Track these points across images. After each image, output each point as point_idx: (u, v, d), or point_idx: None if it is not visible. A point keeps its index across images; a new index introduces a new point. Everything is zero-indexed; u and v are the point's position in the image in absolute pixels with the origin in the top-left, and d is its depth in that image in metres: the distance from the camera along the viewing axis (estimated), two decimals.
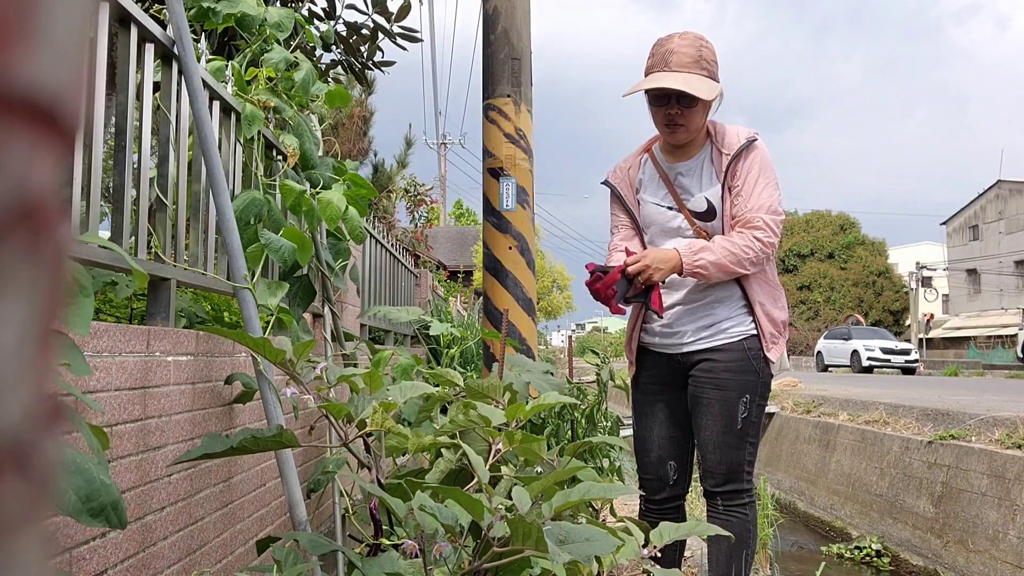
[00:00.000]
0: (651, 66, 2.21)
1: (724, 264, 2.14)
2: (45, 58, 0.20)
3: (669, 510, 2.35)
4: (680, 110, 2.17)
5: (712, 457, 2.23)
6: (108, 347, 1.55)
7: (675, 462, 2.35)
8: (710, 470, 2.24)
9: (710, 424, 2.23)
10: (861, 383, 12.06)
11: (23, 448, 0.20)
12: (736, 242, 2.16)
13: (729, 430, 2.21)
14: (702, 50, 2.17)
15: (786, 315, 2.33)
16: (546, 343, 22.74)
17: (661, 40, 2.23)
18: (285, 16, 2.64)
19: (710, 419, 2.23)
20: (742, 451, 2.22)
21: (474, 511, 1.25)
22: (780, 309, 2.28)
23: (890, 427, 6.28)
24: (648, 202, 2.33)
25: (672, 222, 2.29)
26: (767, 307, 2.25)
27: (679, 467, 2.35)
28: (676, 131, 2.22)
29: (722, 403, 2.21)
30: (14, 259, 0.19)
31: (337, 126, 9.45)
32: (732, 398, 2.21)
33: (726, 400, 2.21)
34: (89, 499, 1.05)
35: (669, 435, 2.34)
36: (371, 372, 1.60)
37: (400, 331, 5.83)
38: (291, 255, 2.20)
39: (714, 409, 2.22)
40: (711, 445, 2.23)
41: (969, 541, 4.67)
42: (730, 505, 2.23)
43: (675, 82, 2.12)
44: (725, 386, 2.22)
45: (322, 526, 2.94)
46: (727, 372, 2.22)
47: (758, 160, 2.21)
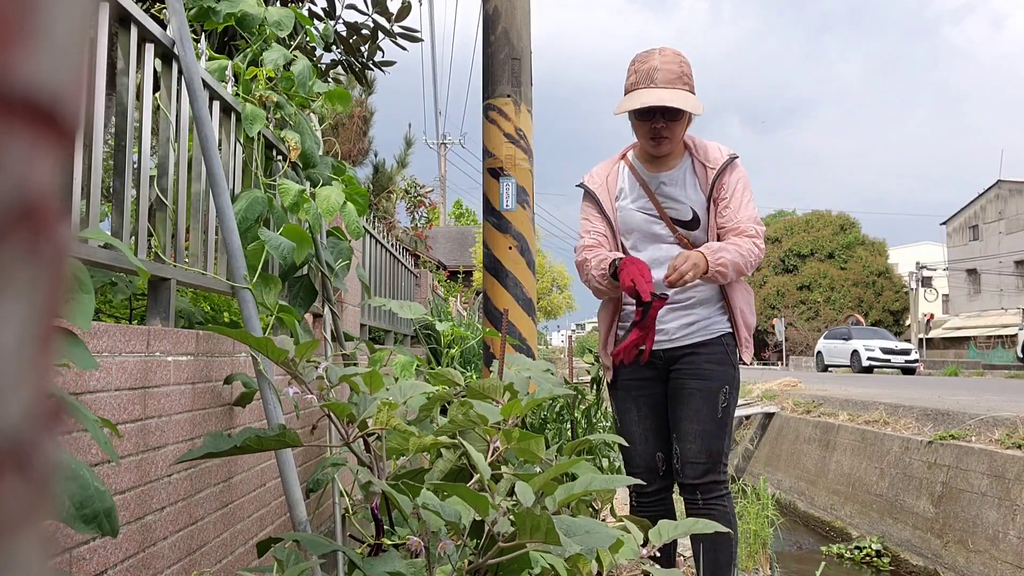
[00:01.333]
0: (635, 83, 2.29)
1: (738, 264, 2.26)
2: (45, 58, 0.20)
3: (658, 503, 2.42)
4: (665, 124, 2.29)
5: (693, 447, 2.30)
6: (108, 347, 1.55)
7: (662, 452, 2.42)
8: (691, 460, 2.31)
9: (692, 414, 2.31)
10: (861, 383, 12.07)
11: (23, 448, 0.20)
12: (742, 246, 2.28)
13: (711, 419, 2.30)
14: (683, 66, 2.29)
15: (755, 321, 2.48)
16: (546, 343, 22.75)
17: (641, 57, 2.32)
18: (285, 15, 2.64)
19: (692, 409, 2.31)
20: (722, 440, 2.32)
21: (478, 506, 1.25)
22: (752, 315, 2.43)
23: (890, 427, 6.28)
24: (629, 208, 2.41)
25: (653, 228, 2.39)
26: (744, 312, 2.39)
27: (666, 457, 2.42)
28: (661, 144, 2.33)
29: (704, 392, 2.31)
30: (14, 259, 0.19)
31: (337, 126, 9.45)
32: (714, 388, 2.31)
33: (708, 390, 2.31)
34: (83, 505, 1.05)
35: (654, 427, 2.42)
36: (372, 372, 1.60)
37: (400, 331, 5.83)
38: (291, 253, 2.20)
39: (696, 399, 2.32)
40: (693, 434, 2.31)
41: (969, 541, 4.67)
42: (709, 498, 2.30)
43: (667, 98, 2.22)
44: (707, 376, 2.32)
45: (322, 526, 2.94)
46: (709, 363, 2.33)
47: (742, 176, 2.37)
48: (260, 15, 2.58)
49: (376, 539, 1.65)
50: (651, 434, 2.42)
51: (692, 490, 2.32)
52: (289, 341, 1.58)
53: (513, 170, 4.32)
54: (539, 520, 1.18)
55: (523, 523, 1.21)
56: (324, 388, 1.59)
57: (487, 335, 3.94)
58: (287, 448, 1.91)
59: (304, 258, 2.35)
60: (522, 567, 1.37)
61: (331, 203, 2.51)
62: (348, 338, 3.21)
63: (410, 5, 4.56)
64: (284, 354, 1.52)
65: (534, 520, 1.19)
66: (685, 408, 2.33)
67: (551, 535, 1.19)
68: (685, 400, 2.33)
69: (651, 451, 2.42)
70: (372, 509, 1.68)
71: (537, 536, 1.20)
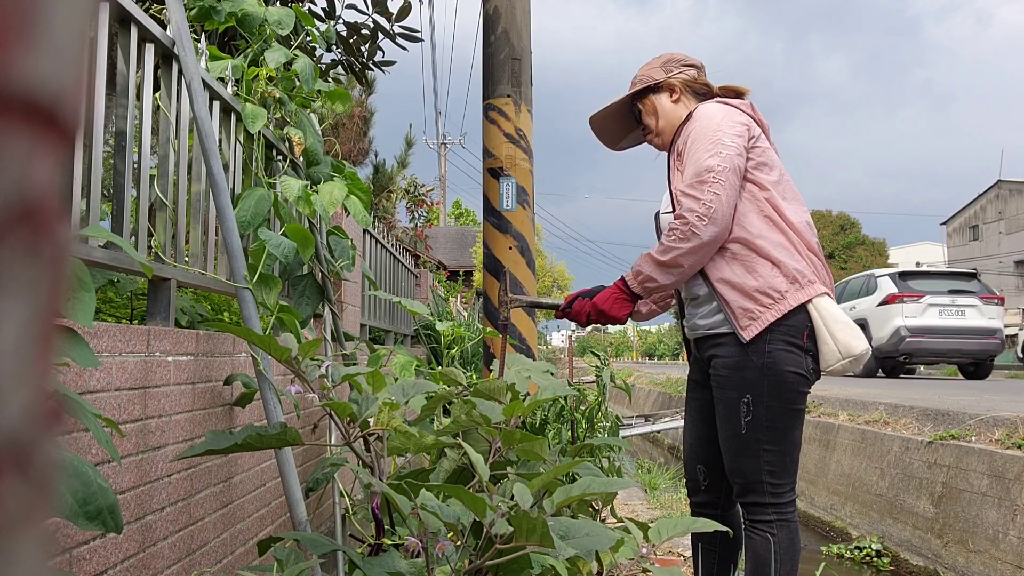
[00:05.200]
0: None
1: (659, 259, 1.93)
2: (45, 58, 0.20)
3: (712, 516, 2.09)
4: (641, 124, 2.25)
5: (726, 464, 2.02)
6: (108, 347, 1.55)
7: (704, 465, 2.16)
8: (728, 477, 2.04)
9: (719, 426, 2.02)
10: (861, 383, 12.07)
11: (23, 448, 0.20)
12: (662, 243, 1.96)
13: (734, 434, 1.96)
14: (640, 70, 2.24)
15: (771, 280, 1.91)
16: (546, 343, 22.75)
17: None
18: (286, 15, 2.64)
19: (718, 421, 2.02)
20: (754, 459, 1.93)
21: (476, 508, 1.25)
22: (755, 276, 1.91)
23: (890, 427, 6.28)
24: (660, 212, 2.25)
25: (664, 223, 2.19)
26: (732, 280, 1.93)
27: (709, 471, 2.15)
28: (651, 141, 2.27)
29: (724, 404, 1.98)
30: (14, 259, 0.19)
31: (337, 126, 9.45)
32: (731, 398, 1.95)
33: (727, 401, 1.97)
34: (86, 502, 1.05)
35: (699, 435, 2.17)
36: (374, 372, 1.60)
37: (400, 331, 5.83)
38: (292, 253, 2.20)
39: (720, 410, 2.00)
40: (722, 450, 2.03)
41: (969, 541, 4.67)
42: (754, 520, 1.97)
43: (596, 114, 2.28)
44: (723, 384, 1.98)
45: (322, 526, 2.94)
46: (725, 368, 1.97)
47: (692, 130, 1.99)
48: (261, 15, 2.58)
49: (376, 539, 1.65)
50: (694, 442, 2.18)
51: (742, 507, 2.03)
52: (292, 340, 1.58)
53: (513, 170, 4.32)
54: (534, 523, 1.18)
55: (520, 525, 1.21)
56: (326, 387, 1.59)
57: (487, 335, 3.94)
58: (287, 447, 1.91)
59: (309, 257, 2.35)
60: (522, 567, 1.37)
61: (334, 197, 2.51)
62: (348, 338, 3.21)
63: (410, 5, 4.56)
64: (287, 352, 1.52)
65: (530, 523, 1.19)
66: (717, 419, 2.03)
67: (546, 538, 1.19)
68: (716, 411, 2.03)
69: (692, 461, 2.18)
70: (373, 509, 1.68)
71: (533, 539, 1.20)
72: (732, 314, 1.92)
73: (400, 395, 1.68)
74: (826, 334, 1.93)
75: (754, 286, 1.91)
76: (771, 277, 1.91)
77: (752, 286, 1.91)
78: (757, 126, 2.04)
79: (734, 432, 1.96)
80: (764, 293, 1.90)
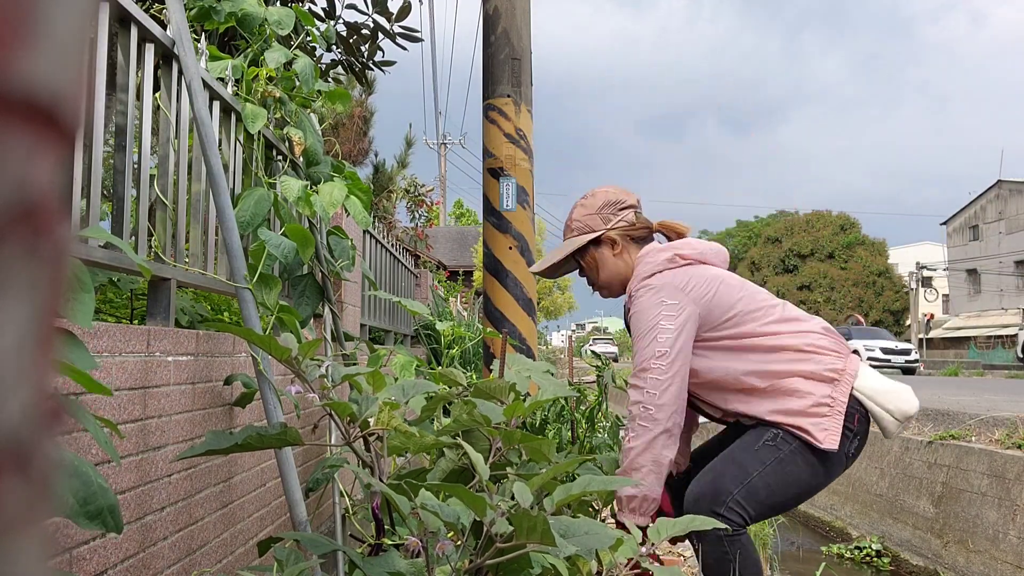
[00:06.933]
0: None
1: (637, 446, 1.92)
2: (45, 58, 0.20)
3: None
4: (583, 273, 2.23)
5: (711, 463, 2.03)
6: (108, 347, 1.55)
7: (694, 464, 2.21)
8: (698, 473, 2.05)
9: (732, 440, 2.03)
10: None
11: (23, 448, 0.20)
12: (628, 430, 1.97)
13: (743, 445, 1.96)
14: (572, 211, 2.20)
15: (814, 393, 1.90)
16: (546, 343, 22.74)
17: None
18: (286, 15, 2.64)
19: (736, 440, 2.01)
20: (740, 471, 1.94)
21: (476, 507, 1.25)
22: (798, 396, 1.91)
23: None
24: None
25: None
26: (781, 408, 1.91)
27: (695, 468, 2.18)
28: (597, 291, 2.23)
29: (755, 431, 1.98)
30: (14, 259, 0.19)
31: (337, 126, 9.45)
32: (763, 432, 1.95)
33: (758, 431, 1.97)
34: (87, 502, 1.05)
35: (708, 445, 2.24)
36: (375, 372, 1.60)
37: (400, 331, 5.83)
38: (291, 253, 2.20)
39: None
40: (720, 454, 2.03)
41: (969, 541, 4.67)
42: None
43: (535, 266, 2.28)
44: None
45: (322, 526, 2.94)
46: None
47: (639, 309, 2.01)
48: (261, 15, 2.58)
49: (377, 539, 1.65)
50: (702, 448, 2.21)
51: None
52: (292, 339, 1.58)
53: (513, 170, 4.32)
54: (535, 521, 1.18)
55: (520, 524, 1.21)
56: (326, 387, 1.59)
57: (487, 335, 3.94)
58: (287, 447, 1.91)
59: (309, 257, 2.35)
60: (522, 567, 1.37)
61: (334, 197, 2.51)
62: (348, 338, 3.21)
63: (410, 5, 4.56)
64: (287, 352, 1.52)
65: (530, 521, 1.19)
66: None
67: (547, 536, 1.19)
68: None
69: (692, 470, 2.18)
70: (373, 509, 1.68)
71: (533, 537, 1.21)
72: (802, 431, 1.88)
73: (400, 395, 1.68)
74: (880, 411, 1.93)
75: (805, 405, 1.89)
76: (810, 390, 1.90)
77: (802, 406, 1.89)
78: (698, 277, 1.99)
79: (745, 445, 1.95)
80: (817, 406, 1.89)
